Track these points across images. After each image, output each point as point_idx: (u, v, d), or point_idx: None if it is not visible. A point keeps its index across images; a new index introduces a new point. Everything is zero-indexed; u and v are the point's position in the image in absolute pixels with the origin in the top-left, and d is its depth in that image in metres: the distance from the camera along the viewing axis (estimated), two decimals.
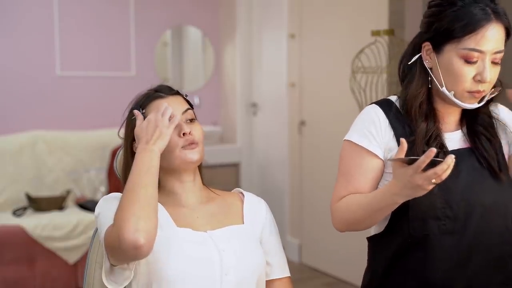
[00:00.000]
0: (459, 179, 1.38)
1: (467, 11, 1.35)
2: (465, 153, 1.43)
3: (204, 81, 5.15)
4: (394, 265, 1.45)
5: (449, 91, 1.39)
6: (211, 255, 1.34)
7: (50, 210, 3.90)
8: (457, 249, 1.39)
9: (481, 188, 1.40)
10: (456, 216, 1.38)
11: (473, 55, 1.35)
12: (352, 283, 3.89)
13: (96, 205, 1.39)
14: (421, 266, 1.41)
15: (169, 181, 1.44)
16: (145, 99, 1.45)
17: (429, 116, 1.42)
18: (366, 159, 1.44)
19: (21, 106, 4.35)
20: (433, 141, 1.39)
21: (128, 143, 1.45)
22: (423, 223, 1.39)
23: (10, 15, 4.30)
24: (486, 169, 1.41)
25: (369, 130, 1.45)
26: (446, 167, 1.19)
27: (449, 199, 1.38)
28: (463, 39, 1.35)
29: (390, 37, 3.16)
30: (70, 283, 3.72)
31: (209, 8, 5.12)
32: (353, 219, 1.43)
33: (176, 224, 1.36)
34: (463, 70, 1.36)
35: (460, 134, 1.46)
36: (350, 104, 3.52)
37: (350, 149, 1.48)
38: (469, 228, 1.39)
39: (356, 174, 1.45)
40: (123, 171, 1.47)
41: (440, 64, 1.40)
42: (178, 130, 1.40)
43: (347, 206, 1.43)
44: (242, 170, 5.01)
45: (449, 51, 1.37)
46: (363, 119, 1.48)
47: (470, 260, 1.40)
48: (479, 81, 1.36)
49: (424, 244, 1.40)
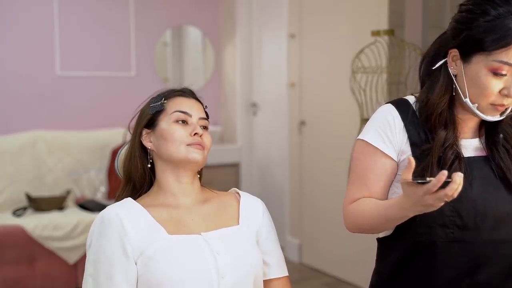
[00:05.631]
0: (471, 188, 1.35)
1: (501, 23, 1.28)
2: (480, 162, 1.39)
3: (204, 81, 5.15)
4: (400, 269, 1.44)
5: (473, 102, 1.34)
6: (206, 259, 1.34)
7: (50, 210, 3.90)
8: (465, 259, 1.37)
9: (493, 199, 1.37)
10: (466, 225, 1.36)
11: (503, 68, 1.29)
12: (352, 283, 3.89)
13: (92, 229, 1.37)
14: (426, 273, 1.39)
15: (168, 181, 1.44)
16: (169, 92, 1.49)
17: (449, 124, 1.38)
18: (380, 160, 1.41)
19: (21, 106, 4.35)
20: (449, 149, 1.36)
21: (137, 133, 1.47)
22: (430, 229, 1.37)
23: (10, 15, 4.30)
24: (501, 180, 1.38)
25: (384, 131, 1.42)
26: (456, 187, 1.15)
27: (459, 207, 1.35)
28: (493, 52, 1.29)
29: (390, 37, 3.16)
30: (70, 283, 3.72)
31: (209, 8, 5.12)
32: (365, 225, 1.41)
33: (168, 231, 1.36)
34: (490, 83, 1.30)
35: (478, 142, 1.42)
36: (350, 104, 3.52)
37: (364, 149, 1.44)
38: (479, 238, 1.36)
39: (370, 176, 1.42)
40: (125, 163, 1.48)
41: (466, 74, 1.34)
42: (192, 129, 1.42)
43: (360, 212, 1.41)
44: (242, 170, 5.01)
45: (478, 62, 1.31)
46: (378, 119, 1.44)
47: (479, 271, 1.37)
48: (506, 96, 1.31)
49: (431, 250, 1.38)
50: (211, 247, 1.36)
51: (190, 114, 1.44)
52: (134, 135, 1.48)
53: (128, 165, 1.47)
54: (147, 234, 1.34)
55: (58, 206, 3.95)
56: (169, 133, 1.41)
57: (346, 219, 1.46)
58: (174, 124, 1.43)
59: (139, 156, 1.46)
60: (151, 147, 1.45)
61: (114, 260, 1.31)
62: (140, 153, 1.47)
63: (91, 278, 1.33)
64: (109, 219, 1.33)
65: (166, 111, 1.45)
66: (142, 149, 1.47)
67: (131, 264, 1.31)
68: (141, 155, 1.47)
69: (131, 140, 1.49)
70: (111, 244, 1.31)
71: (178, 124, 1.43)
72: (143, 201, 1.42)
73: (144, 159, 1.46)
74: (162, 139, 1.42)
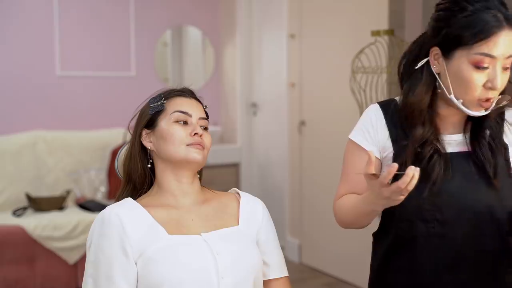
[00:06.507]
0: (451, 183, 1.37)
1: (478, 17, 1.30)
2: (462, 157, 1.41)
3: (204, 81, 5.15)
4: (387, 263, 1.48)
5: (458, 98, 1.35)
6: (206, 259, 1.34)
7: (50, 210, 3.90)
8: (446, 253, 1.38)
9: (473, 193, 1.38)
10: (446, 220, 1.37)
11: (484, 60, 1.30)
12: (352, 283, 3.89)
13: (92, 229, 1.37)
14: (409, 267, 1.42)
15: (167, 181, 1.44)
16: (169, 92, 1.49)
17: (426, 121, 1.40)
18: (361, 157, 1.44)
19: (21, 106, 4.35)
20: (427, 145, 1.38)
21: (137, 134, 1.47)
22: (411, 224, 1.40)
23: (10, 15, 4.30)
24: (481, 175, 1.39)
25: (366, 128, 1.47)
26: (408, 180, 1.16)
27: (438, 202, 1.37)
28: (474, 46, 1.30)
29: (390, 37, 3.16)
30: (70, 283, 3.72)
31: (209, 8, 5.12)
32: (346, 219, 1.47)
33: (168, 232, 1.36)
34: (473, 77, 1.31)
35: (461, 137, 1.43)
36: (350, 104, 3.52)
37: (349, 147, 1.50)
38: (459, 232, 1.37)
39: (352, 172, 1.47)
40: (125, 163, 1.49)
41: (449, 71, 1.35)
42: (191, 129, 1.42)
43: (341, 208, 1.47)
44: (242, 170, 5.01)
45: (460, 57, 1.33)
46: (363, 118, 1.51)
47: (460, 266, 1.38)
48: (490, 88, 1.32)
49: (412, 245, 1.41)
50: (211, 247, 1.35)
51: (190, 114, 1.44)
52: (134, 135, 1.48)
53: (128, 165, 1.47)
54: (147, 234, 1.34)
55: (58, 206, 3.95)
56: (169, 133, 1.42)
57: (335, 215, 1.52)
58: (174, 124, 1.43)
59: (139, 156, 1.47)
60: (151, 147, 1.45)
61: (114, 260, 1.31)
62: (140, 153, 1.47)
63: (91, 278, 1.33)
64: (109, 219, 1.33)
65: (166, 111, 1.45)
66: (142, 149, 1.47)
67: (131, 264, 1.31)
68: (141, 155, 1.47)
69: (131, 140, 1.49)
70: (111, 244, 1.31)
71: (178, 124, 1.43)
72: (143, 201, 1.42)
73: (144, 159, 1.47)
74: (162, 139, 1.42)
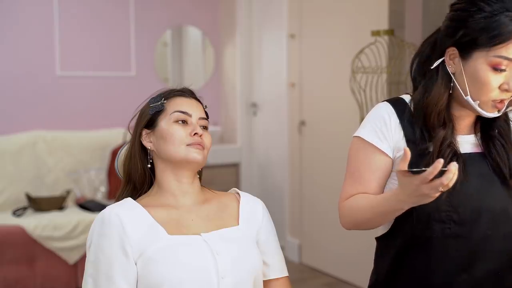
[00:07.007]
0: (467, 183, 1.35)
1: (496, 20, 1.29)
2: (476, 158, 1.40)
3: (204, 81, 5.15)
4: (398, 266, 1.44)
5: (474, 100, 1.35)
6: (206, 259, 1.34)
7: (50, 210, 3.90)
8: (461, 254, 1.37)
9: (489, 194, 1.37)
10: (462, 221, 1.36)
11: (503, 62, 1.30)
12: (352, 283, 3.89)
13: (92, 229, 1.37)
14: (423, 269, 1.40)
15: (167, 181, 1.44)
16: (169, 92, 1.49)
17: (447, 122, 1.39)
18: (375, 157, 1.42)
19: (21, 106, 4.35)
20: (447, 147, 1.37)
21: (137, 133, 1.47)
22: (427, 225, 1.37)
23: (10, 15, 4.30)
24: (497, 175, 1.39)
25: (379, 127, 1.42)
26: (451, 176, 1.15)
27: (455, 203, 1.35)
28: (492, 48, 1.30)
29: (390, 37, 3.16)
30: (70, 283, 3.72)
31: (209, 8, 5.12)
32: (361, 219, 1.41)
33: (168, 232, 1.36)
34: (490, 78, 1.31)
35: (473, 138, 1.43)
36: (350, 104, 3.52)
37: (359, 145, 1.44)
38: (475, 233, 1.37)
39: (365, 172, 1.42)
40: (125, 163, 1.49)
41: (466, 71, 1.35)
42: (191, 129, 1.42)
43: (355, 206, 1.41)
44: (242, 170, 5.01)
45: (478, 58, 1.32)
46: (374, 116, 1.45)
47: (475, 266, 1.38)
48: (506, 90, 1.32)
49: (427, 246, 1.38)
50: (211, 247, 1.35)
51: (190, 114, 1.44)
52: (134, 135, 1.48)
53: (128, 165, 1.48)
54: (147, 234, 1.34)
55: (58, 206, 3.95)
56: (169, 133, 1.42)
57: (342, 215, 1.47)
58: (174, 124, 1.43)
59: (139, 156, 1.47)
60: (151, 147, 1.45)
61: (114, 260, 1.31)
62: (140, 153, 1.47)
63: (91, 278, 1.33)
64: (109, 219, 1.33)
65: (166, 111, 1.45)
66: (142, 149, 1.47)
67: (131, 264, 1.31)
68: (141, 155, 1.47)
69: (131, 140, 1.49)
70: (111, 244, 1.31)
71: (178, 124, 1.43)
72: (143, 201, 1.42)
73: (144, 159, 1.47)
74: (162, 139, 1.42)
